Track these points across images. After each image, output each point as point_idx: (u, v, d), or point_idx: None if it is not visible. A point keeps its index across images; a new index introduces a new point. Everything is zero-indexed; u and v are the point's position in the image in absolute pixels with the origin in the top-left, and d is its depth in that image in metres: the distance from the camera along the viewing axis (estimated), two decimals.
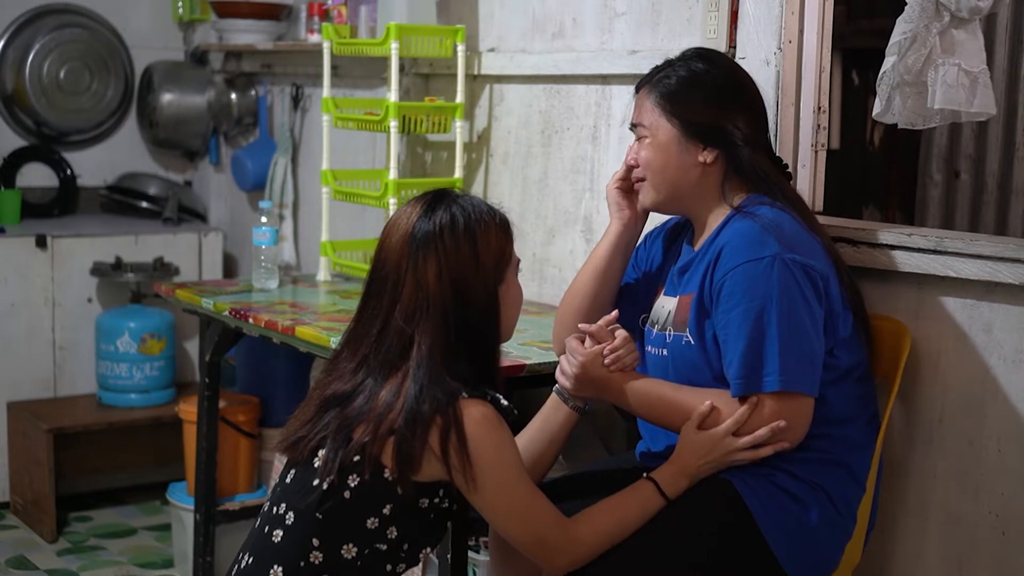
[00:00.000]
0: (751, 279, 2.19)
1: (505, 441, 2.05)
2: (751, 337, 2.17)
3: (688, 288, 2.34)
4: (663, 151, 2.35)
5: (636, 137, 2.41)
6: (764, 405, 2.18)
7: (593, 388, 2.32)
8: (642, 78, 2.42)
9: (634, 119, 2.40)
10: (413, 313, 2.05)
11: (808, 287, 2.21)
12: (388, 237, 2.11)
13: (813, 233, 2.31)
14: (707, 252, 2.31)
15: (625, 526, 2.16)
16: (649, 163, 2.37)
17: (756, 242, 2.21)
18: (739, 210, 2.31)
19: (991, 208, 3.81)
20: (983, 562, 2.46)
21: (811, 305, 2.21)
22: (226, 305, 3.27)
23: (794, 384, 2.17)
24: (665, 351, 2.35)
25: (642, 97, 2.38)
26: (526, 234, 3.50)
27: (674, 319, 2.35)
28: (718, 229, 2.32)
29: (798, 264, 2.20)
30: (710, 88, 2.35)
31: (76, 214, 4.89)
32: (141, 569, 3.94)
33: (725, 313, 2.21)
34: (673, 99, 2.34)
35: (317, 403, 2.11)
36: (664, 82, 2.36)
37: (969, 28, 2.49)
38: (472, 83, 3.66)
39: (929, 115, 2.54)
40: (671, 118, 2.34)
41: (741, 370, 2.18)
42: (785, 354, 2.16)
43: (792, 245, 2.22)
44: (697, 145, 2.34)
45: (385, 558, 2.06)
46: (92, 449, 4.40)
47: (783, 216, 2.28)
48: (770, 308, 2.17)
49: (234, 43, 4.57)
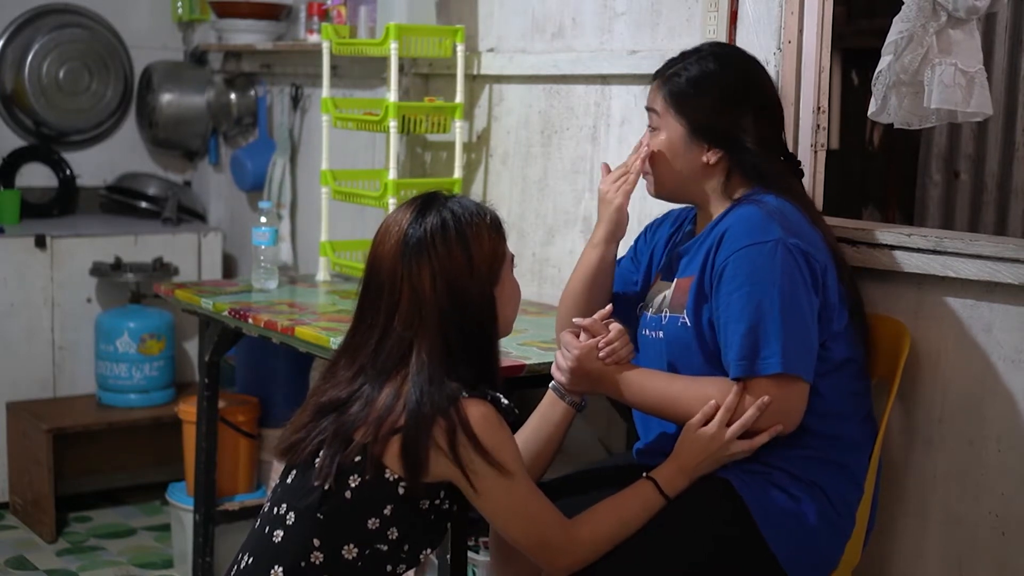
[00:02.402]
0: (754, 262, 2.19)
1: (505, 441, 2.05)
2: (753, 319, 2.17)
3: (687, 271, 2.34)
4: (669, 147, 2.37)
5: (648, 124, 2.43)
6: (761, 388, 2.18)
7: (588, 382, 2.32)
8: (660, 67, 2.43)
9: (648, 103, 2.42)
10: (411, 321, 2.06)
11: (808, 274, 2.21)
12: (380, 244, 2.11)
13: (816, 228, 2.32)
14: (707, 237, 2.32)
15: (626, 526, 2.16)
16: (654, 156, 2.39)
17: (760, 227, 2.22)
18: (741, 200, 2.33)
19: (991, 208, 3.81)
20: (983, 562, 2.46)
21: (809, 292, 2.21)
22: (225, 305, 3.27)
23: (793, 367, 2.17)
24: (661, 333, 2.35)
25: (657, 88, 2.40)
26: (526, 234, 3.50)
27: (671, 301, 2.35)
28: (720, 216, 2.33)
29: (800, 250, 2.21)
30: (719, 90, 2.35)
31: (75, 214, 4.89)
32: (141, 569, 3.94)
33: (726, 296, 2.21)
34: (681, 99, 2.35)
35: (313, 409, 2.11)
36: (675, 80, 2.37)
37: (966, 28, 2.48)
38: (471, 83, 3.66)
39: (925, 115, 2.54)
40: (678, 116, 2.36)
41: (741, 351, 2.18)
42: (786, 337, 2.16)
43: (795, 232, 2.24)
44: (702, 145, 2.35)
45: (386, 559, 2.06)
46: (92, 449, 4.40)
47: (786, 205, 2.30)
48: (772, 292, 2.17)
49: (234, 43, 4.57)
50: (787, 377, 2.18)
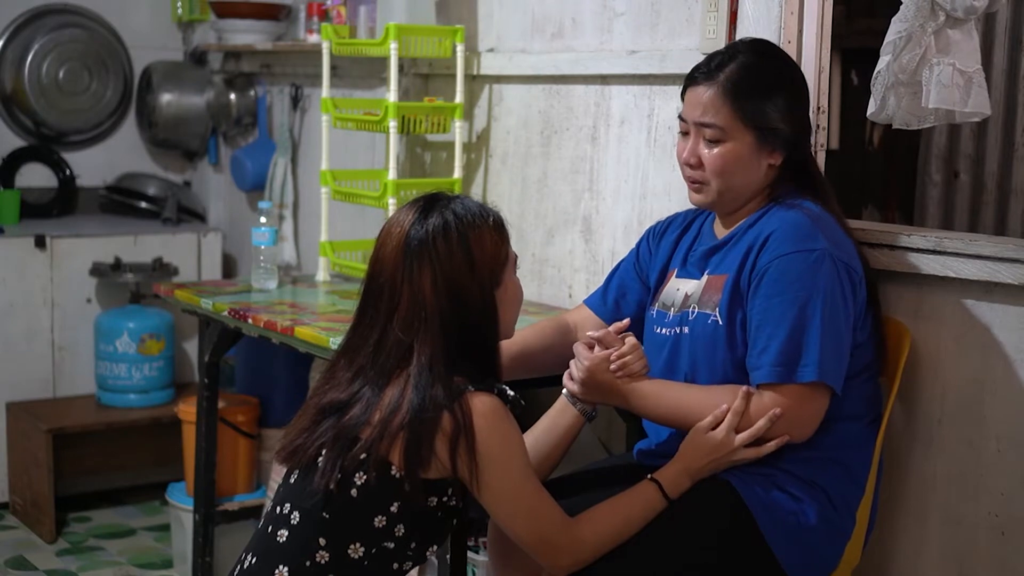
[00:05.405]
0: (800, 269, 2.19)
1: (512, 435, 2.05)
2: (794, 326, 2.17)
3: (721, 269, 2.32)
4: (737, 158, 2.29)
5: (695, 133, 2.32)
6: (790, 395, 2.18)
7: (599, 393, 2.31)
8: (699, 69, 2.32)
9: (700, 118, 2.30)
10: (411, 323, 2.05)
11: (848, 288, 2.23)
12: (382, 246, 2.11)
13: (849, 236, 2.33)
14: (744, 236, 2.30)
15: (629, 527, 2.16)
16: (720, 169, 2.30)
17: (807, 234, 2.22)
18: (780, 201, 2.32)
19: (990, 208, 3.81)
20: (983, 562, 2.46)
21: (848, 306, 2.23)
22: (225, 305, 3.27)
23: (828, 377, 2.18)
24: (686, 328, 2.33)
25: (711, 95, 2.28)
26: (525, 234, 3.50)
27: (700, 298, 2.33)
28: (757, 215, 2.32)
29: (843, 263, 2.22)
30: (787, 92, 2.32)
31: (75, 214, 4.89)
32: (140, 569, 3.94)
33: (766, 299, 2.21)
34: (752, 106, 2.27)
35: (314, 412, 2.11)
36: (739, 86, 2.27)
37: (964, 28, 2.48)
38: (471, 83, 3.66)
39: (924, 115, 2.54)
40: (748, 126, 2.28)
41: (779, 357, 2.17)
42: (824, 347, 2.17)
43: (838, 243, 2.25)
44: (767, 149, 2.31)
45: (392, 557, 2.06)
46: (91, 449, 4.40)
47: (825, 214, 2.30)
48: (816, 301, 2.17)
49: (233, 43, 4.57)
50: (819, 386, 2.18)
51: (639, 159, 3.17)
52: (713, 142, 2.30)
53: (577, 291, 3.33)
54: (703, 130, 2.31)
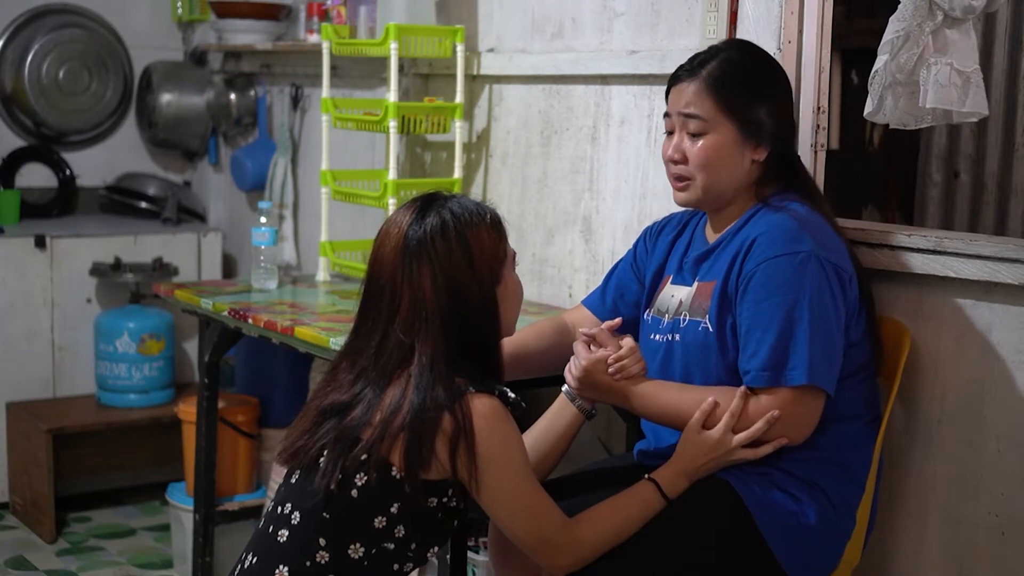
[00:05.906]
0: (786, 272, 2.19)
1: (511, 436, 2.05)
2: (782, 330, 2.17)
3: (710, 276, 2.33)
4: (719, 151, 2.31)
5: (679, 129, 2.33)
6: (782, 398, 2.18)
7: (597, 392, 2.32)
8: (682, 68, 2.35)
9: (685, 108, 2.32)
10: (412, 324, 2.05)
11: (837, 288, 2.22)
12: (381, 247, 2.11)
13: (839, 235, 2.32)
14: (731, 241, 2.31)
15: (628, 527, 2.16)
16: (704, 163, 2.31)
17: (792, 237, 2.22)
18: (767, 203, 2.32)
19: (991, 208, 3.81)
20: (983, 562, 2.46)
21: (838, 306, 2.22)
22: (225, 305, 3.27)
23: (818, 380, 2.17)
24: (678, 336, 2.34)
25: (698, 92, 2.30)
26: (525, 234, 3.50)
27: (691, 305, 2.34)
28: (744, 219, 2.32)
29: (831, 264, 2.22)
30: (769, 86, 2.34)
31: (75, 214, 4.89)
32: (140, 569, 3.94)
33: (754, 303, 2.21)
34: (733, 98, 2.29)
35: (315, 413, 2.11)
36: (721, 79, 2.30)
37: (962, 27, 2.48)
38: (471, 83, 3.66)
39: (921, 115, 2.54)
40: (730, 117, 2.30)
41: (768, 361, 2.18)
42: (813, 350, 2.16)
43: (825, 244, 2.24)
44: (751, 143, 2.32)
45: (392, 557, 2.06)
46: (91, 449, 4.40)
47: (813, 214, 2.30)
48: (803, 303, 2.17)
49: (233, 43, 4.57)
50: (810, 389, 2.18)
51: (639, 159, 3.17)
52: (696, 135, 2.32)
53: (577, 291, 3.33)
54: (687, 123, 2.32)
